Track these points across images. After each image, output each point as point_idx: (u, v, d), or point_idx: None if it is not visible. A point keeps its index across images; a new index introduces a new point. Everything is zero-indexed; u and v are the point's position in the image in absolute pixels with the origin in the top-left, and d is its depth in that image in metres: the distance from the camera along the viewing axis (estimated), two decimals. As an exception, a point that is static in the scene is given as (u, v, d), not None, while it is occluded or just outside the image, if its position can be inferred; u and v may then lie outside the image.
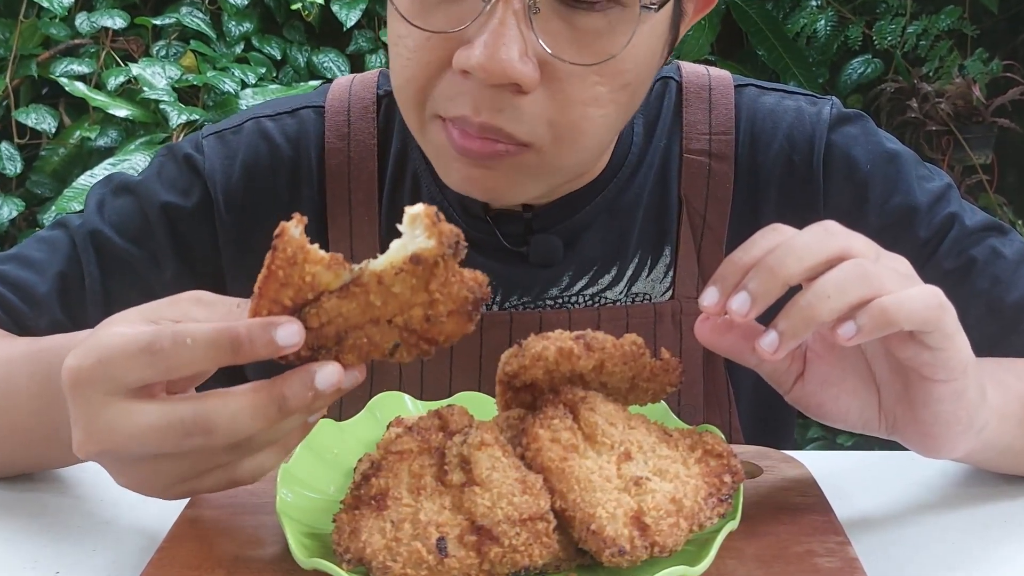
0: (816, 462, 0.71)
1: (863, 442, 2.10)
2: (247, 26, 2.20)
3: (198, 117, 1.97)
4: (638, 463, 0.59)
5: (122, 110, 2.00)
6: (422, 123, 0.73)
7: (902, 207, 0.84)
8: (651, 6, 0.67)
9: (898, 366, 0.61)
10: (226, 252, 0.86)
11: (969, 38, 2.33)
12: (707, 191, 0.86)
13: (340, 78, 0.92)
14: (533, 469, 0.57)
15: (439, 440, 0.59)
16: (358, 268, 0.52)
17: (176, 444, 0.52)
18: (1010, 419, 0.69)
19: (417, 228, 0.52)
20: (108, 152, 2.03)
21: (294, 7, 2.19)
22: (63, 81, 2.03)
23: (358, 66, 2.27)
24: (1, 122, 2.16)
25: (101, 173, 1.86)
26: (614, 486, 0.57)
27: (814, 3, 2.31)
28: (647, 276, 0.86)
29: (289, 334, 0.51)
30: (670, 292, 0.87)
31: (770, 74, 2.29)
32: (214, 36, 2.17)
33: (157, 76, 2.04)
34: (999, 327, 0.82)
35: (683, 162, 0.86)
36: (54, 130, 2.10)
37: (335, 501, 0.59)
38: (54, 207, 1.93)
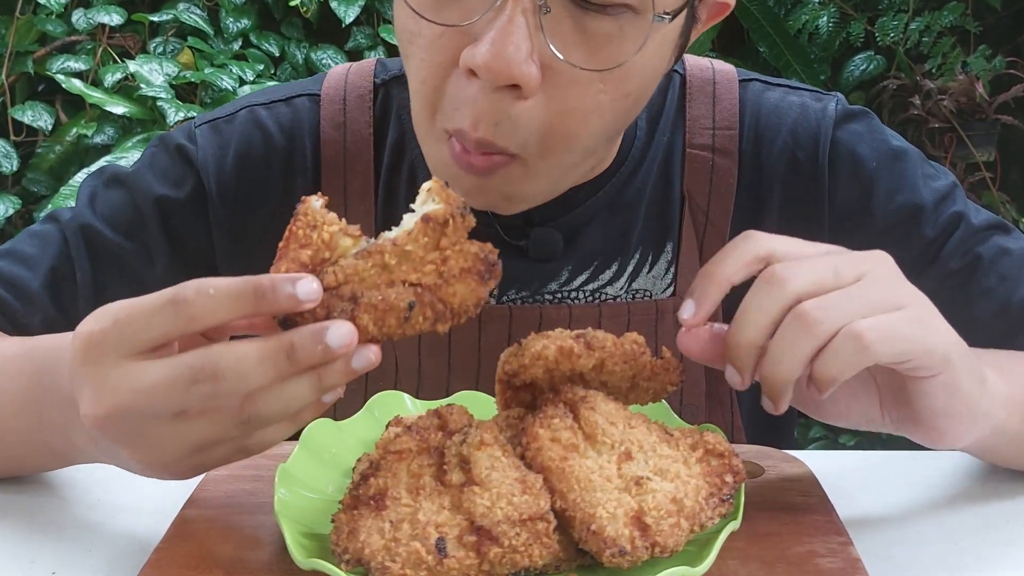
0: (818, 462, 0.71)
1: (865, 442, 2.10)
2: (245, 22, 2.19)
3: (195, 114, 1.95)
4: (639, 463, 0.58)
5: (119, 107, 1.99)
6: (431, 132, 0.72)
7: (907, 206, 0.84)
8: (664, 16, 0.66)
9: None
10: (219, 243, 0.86)
11: (972, 34, 2.31)
12: (710, 186, 0.85)
13: (336, 67, 0.90)
14: (533, 469, 0.57)
15: (438, 440, 0.59)
16: (375, 239, 0.56)
17: (184, 393, 0.53)
18: (1019, 407, 0.69)
19: (428, 200, 0.57)
20: (105, 149, 2.02)
21: (292, 3, 2.19)
22: (60, 78, 2.03)
23: (357, 63, 2.26)
24: (-3, 119, 2.16)
25: (98, 171, 1.85)
26: (615, 486, 0.57)
27: (816, -1, 2.30)
28: (648, 272, 0.86)
29: (309, 289, 0.53)
30: (672, 289, 0.86)
31: (771, 71, 2.27)
32: (212, 33, 2.17)
33: (154, 73, 2.03)
34: (1007, 324, 0.82)
35: (686, 157, 0.85)
36: (50, 127, 2.09)
37: (333, 501, 0.59)
38: (51, 205, 1.92)
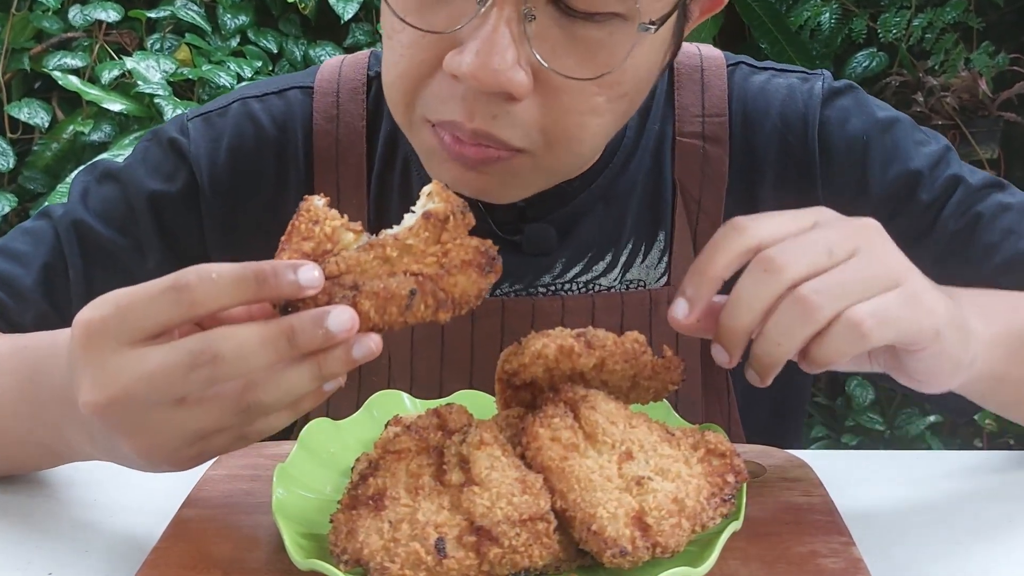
0: (820, 461, 0.71)
1: (867, 442, 2.10)
2: (242, 19, 2.18)
3: (193, 111, 1.95)
4: (639, 462, 0.58)
5: (116, 104, 1.98)
6: (410, 123, 0.72)
7: (903, 174, 0.83)
8: (650, 25, 0.65)
9: None
10: (212, 236, 0.86)
11: (975, 31, 2.30)
12: (702, 175, 0.85)
13: (331, 59, 0.90)
14: (533, 468, 0.57)
15: (438, 439, 0.59)
16: (375, 235, 0.57)
17: (184, 378, 0.52)
18: (999, 348, 0.68)
19: (429, 202, 0.58)
20: (102, 147, 2.02)
21: (290, 0, 2.18)
22: (56, 75, 2.02)
23: (355, 60, 2.25)
24: (-7, 117, 2.15)
25: (95, 168, 1.84)
26: (615, 486, 0.56)
27: (817, -5, 2.29)
28: (641, 262, 0.86)
29: (310, 276, 0.53)
30: (665, 278, 0.86)
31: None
32: (209, 29, 2.16)
33: (151, 70, 2.02)
34: (1015, 277, 0.80)
35: (676, 146, 0.85)
36: (47, 125, 2.09)
37: (332, 501, 0.59)
38: (47, 203, 1.91)
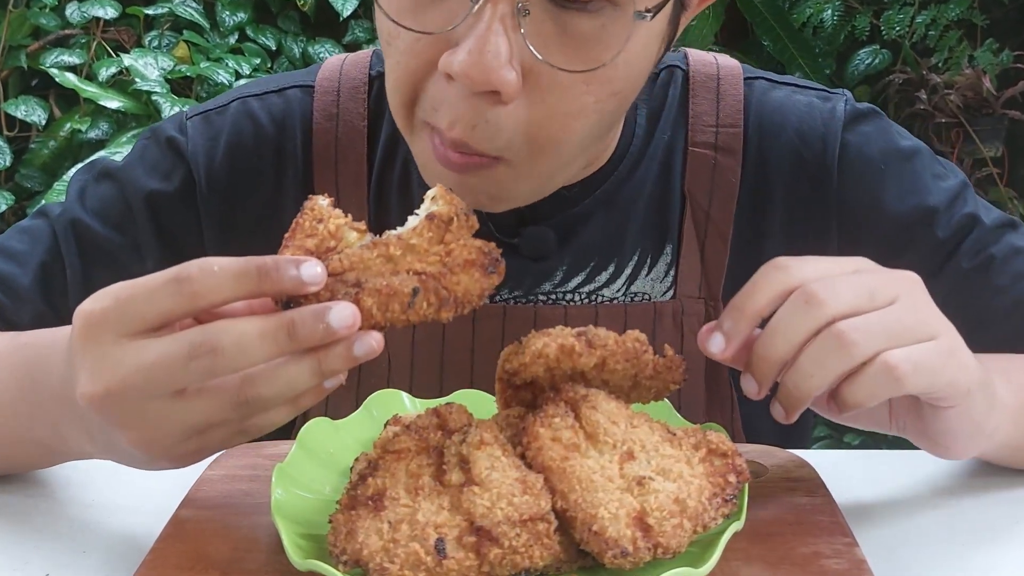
0: (822, 461, 0.70)
1: (870, 441, 2.09)
2: (241, 16, 2.18)
3: (191, 109, 1.95)
4: (641, 462, 0.58)
5: (113, 102, 1.98)
6: (411, 127, 0.71)
7: (920, 208, 0.83)
8: (645, 14, 0.64)
9: None
10: (210, 234, 0.85)
11: (979, 28, 2.29)
12: (712, 186, 0.83)
13: (332, 58, 0.89)
14: (534, 469, 0.56)
15: (437, 439, 0.59)
16: (379, 236, 0.58)
17: (183, 369, 0.52)
18: (1022, 418, 0.69)
19: (432, 206, 0.58)
20: (99, 144, 2.02)
21: (289, -3, 2.18)
22: (53, 72, 2.02)
23: (354, 57, 2.25)
24: (-10, 114, 2.14)
25: (92, 166, 1.84)
26: (616, 486, 0.56)
27: (820, -8, 2.28)
28: (647, 275, 0.84)
29: (313, 272, 0.54)
30: (671, 292, 0.85)
31: (775, 65, 2.25)
32: (207, 26, 2.16)
33: (149, 67, 2.02)
34: (1020, 323, 0.82)
35: (688, 155, 0.84)
36: (44, 122, 2.08)
37: (331, 501, 0.59)
38: (44, 201, 1.91)
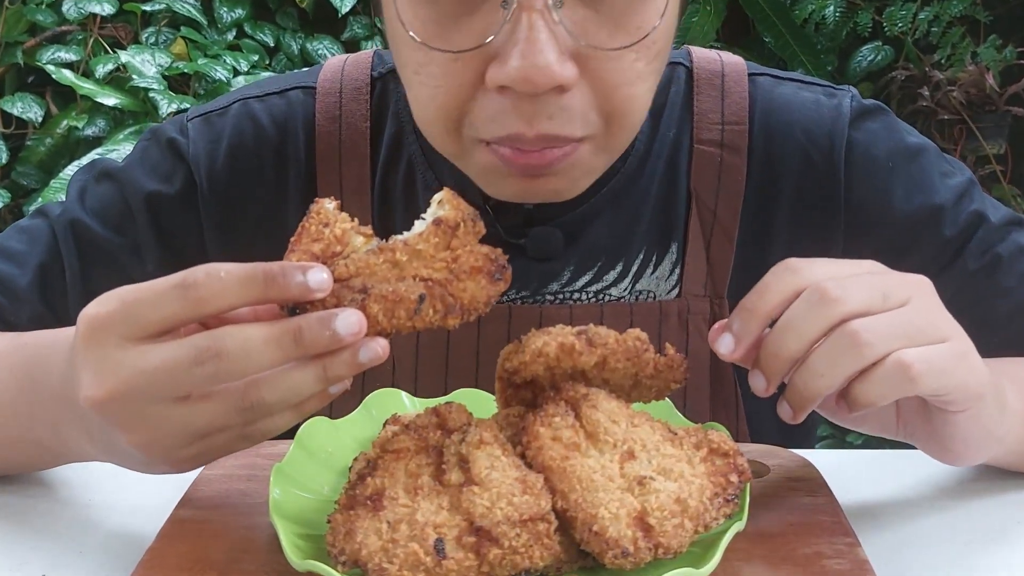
0: (825, 461, 0.70)
1: (873, 441, 2.09)
2: (239, 12, 2.18)
3: (188, 106, 1.95)
4: (642, 462, 0.57)
5: (110, 98, 1.98)
6: (461, 148, 0.70)
7: (926, 206, 0.82)
8: None
9: None
10: (210, 236, 0.85)
11: (982, 24, 2.28)
12: (718, 184, 0.83)
13: (333, 58, 0.89)
14: (534, 468, 0.56)
15: (437, 438, 0.58)
16: (385, 240, 0.58)
17: (187, 373, 0.52)
18: None
19: (439, 210, 0.58)
20: (96, 142, 2.01)
21: (287, -7, 2.18)
22: (50, 69, 2.01)
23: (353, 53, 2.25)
24: (-14, 111, 2.14)
25: (89, 163, 1.84)
26: (617, 486, 0.56)
27: (823, -12, 2.27)
28: (652, 273, 0.84)
29: (320, 278, 0.54)
30: (676, 290, 0.84)
31: (777, 61, 2.25)
32: (205, 23, 2.15)
33: (147, 64, 2.01)
34: None
35: (693, 153, 0.83)
36: (41, 119, 2.08)
37: (330, 501, 0.58)
38: (41, 198, 1.91)
